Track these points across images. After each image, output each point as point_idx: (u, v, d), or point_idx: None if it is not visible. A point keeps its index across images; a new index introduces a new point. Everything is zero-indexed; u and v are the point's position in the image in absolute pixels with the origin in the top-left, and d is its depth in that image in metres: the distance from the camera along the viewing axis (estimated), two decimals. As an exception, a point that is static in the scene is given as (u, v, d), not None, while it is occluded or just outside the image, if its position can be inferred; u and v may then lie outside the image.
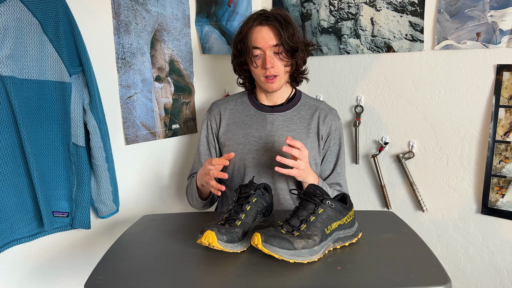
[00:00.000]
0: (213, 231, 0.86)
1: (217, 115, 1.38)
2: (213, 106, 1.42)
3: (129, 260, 0.89)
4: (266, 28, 1.23)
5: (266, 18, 1.23)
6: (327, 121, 1.33)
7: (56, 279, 1.31)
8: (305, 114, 1.34)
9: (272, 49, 1.23)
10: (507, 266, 1.44)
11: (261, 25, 1.23)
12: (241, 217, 0.94)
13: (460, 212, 1.51)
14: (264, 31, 1.23)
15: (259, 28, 1.23)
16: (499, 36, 1.33)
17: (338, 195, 0.99)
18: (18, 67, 1.06)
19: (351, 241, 0.93)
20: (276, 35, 1.22)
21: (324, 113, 1.34)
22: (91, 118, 1.22)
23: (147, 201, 1.56)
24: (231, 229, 0.90)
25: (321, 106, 1.36)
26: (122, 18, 1.37)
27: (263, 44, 1.22)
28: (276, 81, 1.26)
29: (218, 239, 0.86)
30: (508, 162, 1.37)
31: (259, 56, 1.24)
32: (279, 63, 1.25)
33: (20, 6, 1.04)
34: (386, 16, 1.54)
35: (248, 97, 1.39)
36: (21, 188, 1.12)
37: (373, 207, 1.73)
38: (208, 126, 1.40)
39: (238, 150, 1.31)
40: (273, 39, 1.22)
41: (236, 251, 0.89)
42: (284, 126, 1.31)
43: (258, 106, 1.35)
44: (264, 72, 1.25)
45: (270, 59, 1.22)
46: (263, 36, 1.22)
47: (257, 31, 1.23)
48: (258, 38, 1.23)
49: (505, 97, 1.35)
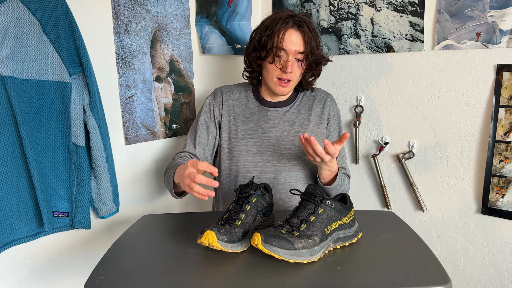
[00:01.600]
0: (213, 231, 0.86)
1: (220, 103, 1.36)
2: (216, 91, 1.39)
3: (129, 260, 0.89)
4: (298, 33, 1.22)
5: (299, 23, 1.22)
6: (325, 108, 1.36)
7: (56, 279, 1.31)
8: (305, 106, 1.36)
9: (297, 55, 1.23)
10: (507, 266, 1.44)
11: (294, 28, 1.22)
12: (241, 217, 0.94)
13: (460, 212, 1.51)
14: (295, 36, 1.22)
15: (291, 31, 1.22)
16: (499, 36, 1.33)
17: (338, 195, 0.99)
18: (18, 67, 1.06)
19: (351, 241, 0.93)
20: (305, 43, 1.22)
21: (323, 100, 1.37)
22: (91, 118, 1.22)
23: (147, 201, 1.56)
24: (231, 229, 0.90)
25: (318, 94, 1.39)
26: (122, 18, 1.37)
27: (291, 48, 1.22)
28: (289, 86, 1.27)
29: (218, 239, 0.86)
30: (508, 162, 1.37)
31: (282, 58, 1.24)
32: (297, 70, 1.25)
33: (20, 6, 1.04)
34: (386, 16, 1.54)
35: (252, 91, 1.39)
36: (21, 188, 1.12)
37: (373, 207, 1.73)
38: (210, 110, 1.36)
39: (239, 145, 1.32)
40: (302, 46, 1.22)
41: (236, 251, 0.89)
42: (285, 121, 1.33)
43: (261, 101, 1.36)
44: (280, 74, 1.24)
45: (291, 64, 1.22)
46: (293, 40, 1.21)
47: (289, 34, 1.22)
48: (288, 41, 1.21)
49: (505, 97, 1.35)
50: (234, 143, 1.32)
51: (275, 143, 1.30)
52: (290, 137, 1.31)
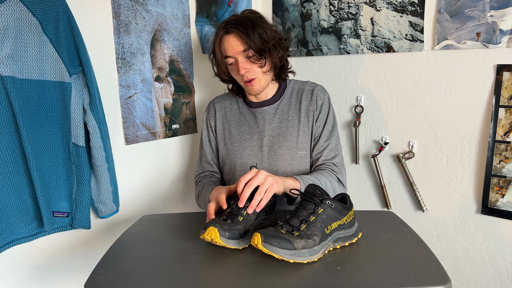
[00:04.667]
0: (216, 227, 0.87)
1: (213, 114, 1.42)
2: (210, 105, 1.45)
3: (129, 260, 0.89)
4: (232, 36, 1.23)
5: (231, 25, 1.24)
6: (313, 98, 1.33)
7: (56, 279, 1.31)
8: (293, 101, 1.35)
9: (243, 54, 1.24)
10: (507, 266, 1.44)
11: (227, 33, 1.24)
12: (243, 212, 0.95)
13: (460, 212, 1.51)
14: (231, 39, 1.23)
15: (226, 37, 1.24)
16: (499, 36, 1.33)
17: (338, 195, 0.99)
18: (18, 67, 1.06)
19: (351, 241, 0.93)
20: (242, 40, 1.22)
21: (310, 92, 1.34)
22: (91, 118, 1.22)
23: (147, 201, 1.56)
24: (233, 225, 0.91)
25: (307, 87, 1.36)
26: (122, 18, 1.37)
27: (232, 52, 1.23)
28: (256, 84, 1.28)
29: (220, 235, 0.87)
30: (508, 162, 1.37)
31: (234, 64, 1.26)
32: (253, 66, 1.26)
33: (20, 6, 1.04)
34: (386, 16, 1.54)
35: (241, 97, 1.42)
36: (21, 188, 1.12)
37: (373, 207, 1.73)
38: (208, 125, 1.43)
39: (234, 148, 1.34)
40: (240, 45, 1.23)
41: (238, 247, 0.90)
42: (275, 119, 1.33)
43: (249, 104, 1.38)
44: (241, 78, 1.27)
45: (242, 65, 1.24)
46: (231, 44, 1.23)
47: (225, 40, 1.24)
48: (227, 47, 1.24)
49: (505, 97, 1.35)
50: (230, 147, 1.36)
51: (268, 142, 1.31)
52: (282, 134, 1.31)
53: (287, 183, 1.09)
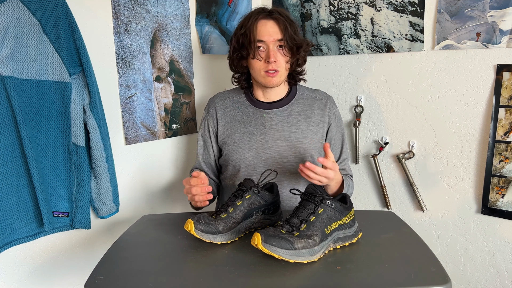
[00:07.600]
0: (193, 220, 0.93)
1: (214, 114, 1.37)
2: (210, 104, 1.41)
3: (129, 260, 0.89)
4: (272, 22, 1.23)
5: (270, 13, 1.24)
6: (326, 111, 1.34)
7: (56, 279, 1.31)
8: (304, 107, 1.34)
9: (276, 44, 1.23)
10: (507, 266, 1.44)
11: (266, 19, 1.23)
12: (229, 210, 0.98)
13: (460, 212, 1.51)
14: (269, 25, 1.23)
15: (264, 21, 1.23)
16: (499, 36, 1.33)
17: (338, 195, 0.99)
18: (18, 67, 1.07)
19: (351, 241, 0.94)
20: (281, 30, 1.22)
21: (323, 102, 1.35)
22: (91, 118, 1.22)
23: (147, 201, 1.56)
24: (213, 220, 0.95)
25: (318, 96, 1.37)
26: (122, 18, 1.37)
27: (268, 37, 1.22)
28: (277, 76, 1.26)
29: (195, 228, 0.93)
30: (508, 162, 1.37)
31: (262, 50, 1.24)
32: (281, 59, 1.25)
33: (20, 6, 1.04)
34: (386, 16, 1.54)
35: (245, 95, 1.38)
36: (21, 188, 1.12)
37: (373, 207, 1.73)
38: (205, 125, 1.39)
39: (238, 149, 1.31)
40: (278, 34, 1.22)
41: (215, 242, 0.93)
42: (283, 122, 1.31)
43: (255, 103, 1.35)
44: (266, 66, 1.24)
45: (273, 53, 1.22)
46: (268, 30, 1.22)
47: (262, 25, 1.23)
48: (263, 32, 1.22)
49: (505, 97, 1.35)
50: (233, 148, 1.32)
51: (274, 145, 1.29)
52: (289, 138, 1.29)
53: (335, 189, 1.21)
